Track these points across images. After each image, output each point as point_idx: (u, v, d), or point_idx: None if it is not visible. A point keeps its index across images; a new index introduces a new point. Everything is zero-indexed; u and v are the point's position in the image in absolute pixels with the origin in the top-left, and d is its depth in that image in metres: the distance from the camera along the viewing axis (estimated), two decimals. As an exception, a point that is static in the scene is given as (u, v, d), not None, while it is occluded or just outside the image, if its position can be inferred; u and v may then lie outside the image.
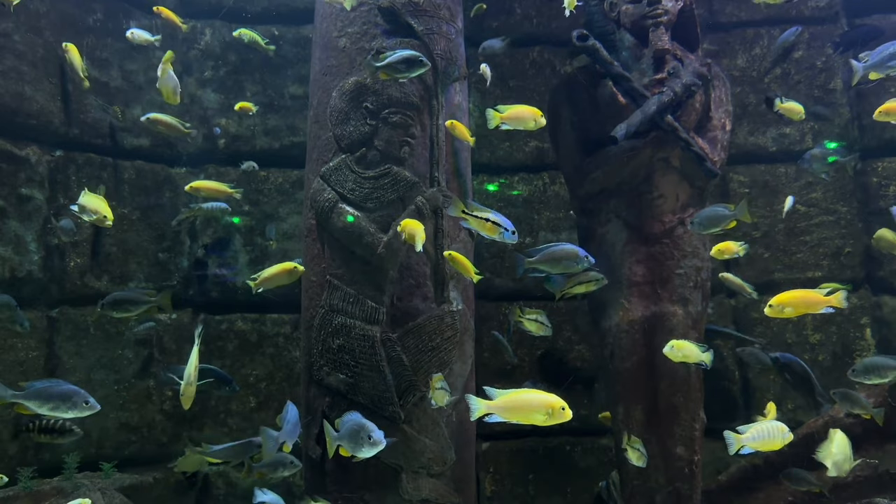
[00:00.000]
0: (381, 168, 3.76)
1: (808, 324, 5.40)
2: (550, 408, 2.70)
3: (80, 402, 2.99)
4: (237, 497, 5.33)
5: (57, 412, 3.00)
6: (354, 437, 3.05)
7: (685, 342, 3.78)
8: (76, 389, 3.03)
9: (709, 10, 5.68)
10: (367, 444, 3.03)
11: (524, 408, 2.73)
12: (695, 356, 3.72)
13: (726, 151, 4.52)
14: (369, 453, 3.05)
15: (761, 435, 3.26)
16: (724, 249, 3.99)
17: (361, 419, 3.10)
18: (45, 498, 3.94)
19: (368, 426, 3.05)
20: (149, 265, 5.25)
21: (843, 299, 3.57)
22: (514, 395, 2.76)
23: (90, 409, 3.00)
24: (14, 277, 4.58)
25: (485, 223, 3.33)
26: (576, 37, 4.24)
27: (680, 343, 3.77)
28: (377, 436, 3.03)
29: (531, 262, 3.65)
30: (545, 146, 5.51)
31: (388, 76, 3.49)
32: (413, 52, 3.46)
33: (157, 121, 4.42)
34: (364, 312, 3.68)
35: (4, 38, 4.58)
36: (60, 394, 3.00)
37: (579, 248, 3.65)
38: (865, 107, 5.54)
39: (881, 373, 3.84)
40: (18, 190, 4.63)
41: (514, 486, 5.38)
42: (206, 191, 4.44)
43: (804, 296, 3.58)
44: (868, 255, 5.52)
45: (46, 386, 3.02)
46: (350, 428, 3.09)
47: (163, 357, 5.23)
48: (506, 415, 2.73)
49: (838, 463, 3.71)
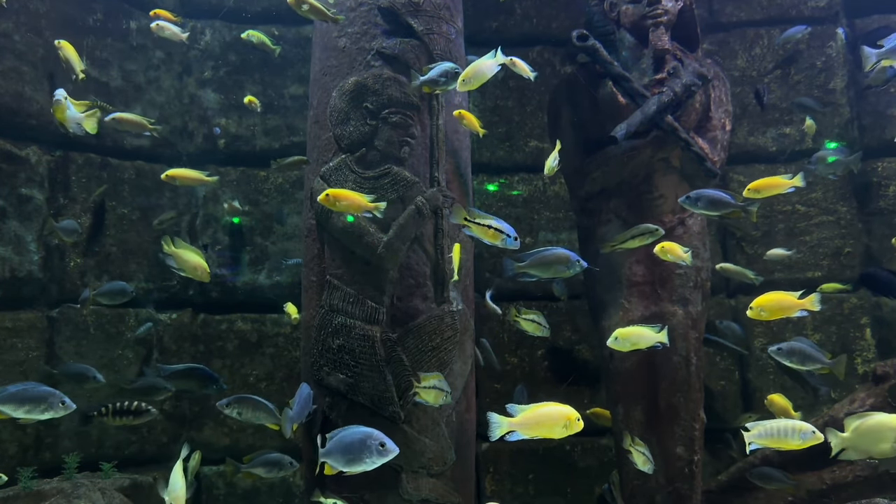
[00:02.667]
0: (381, 168, 3.76)
1: (808, 324, 5.40)
2: (568, 420, 2.75)
3: (55, 402, 3.04)
4: (237, 497, 5.34)
5: (32, 415, 3.03)
6: (358, 448, 2.90)
7: (630, 328, 3.70)
8: (51, 391, 3.07)
9: (709, 10, 5.68)
10: (375, 454, 2.89)
11: (545, 423, 2.78)
12: (647, 340, 3.63)
13: (726, 151, 4.53)
14: (377, 463, 2.92)
15: (774, 432, 3.15)
16: (667, 249, 3.86)
17: (363, 429, 2.95)
18: (45, 498, 3.94)
19: (375, 434, 2.91)
20: (149, 265, 5.25)
21: (816, 302, 3.65)
22: (533, 410, 2.78)
23: (66, 409, 3.04)
24: (14, 277, 4.58)
25: (487, 230, 3.32)
26: (576, 37, 4.24)
27: (625, 331, 3.67)
28: (390, 444, 2.89)
29: (520, 266, 3.61)
30: (545, 146, 5.51)
31: (430, 90, 3.51)
32: (453, 66, 3.45)
33: (122, 119, 4.37)
34: (364, 312, 3.68)
35: (4, 38, 4.58)
36: (35, 396, 3.04)
37: (570, 252, 3.58)
38: (865, 107, 5.55)
39: (802, 361, 3.89)
40: (18, 190, 4.63)
41: (514, 486, 5.38)
42: (181, 179, 4.39)
43: (779, 298, 3.65)
44: (868, 255, 5.52)
45: (21, 389, 3.04)
46: (353, 440, 2.91)
47: (163, 357, 5.24)
48: (527, 431, 2.77)
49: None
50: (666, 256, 3.90)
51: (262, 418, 3.59)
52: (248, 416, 3.57)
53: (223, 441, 5.29)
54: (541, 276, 3.68)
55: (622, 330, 3.67)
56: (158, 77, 5.45)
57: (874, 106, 5.52)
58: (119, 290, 4.57)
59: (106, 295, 4.54)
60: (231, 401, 3.59)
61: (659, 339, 3.63)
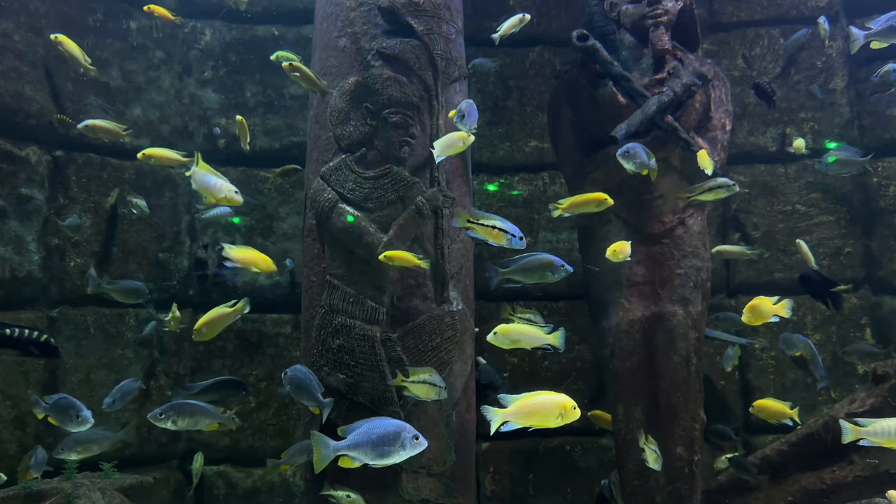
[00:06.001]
0: (381, 168, 3.76)
1: (808, 323, 5.40)
2: (563, 408, 2.70)
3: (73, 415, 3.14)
4: (237, 497, 5.34)
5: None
6: (392, 441, 2.79)
7: (514, 325, 3.36)
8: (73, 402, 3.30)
9: (709, 10, 5.68)
10: (409, 447, 2.77)
11: (539, 411, 2.73)
12: (532, 340, 3.30)
13: (726, 151, 4.53)
14: (405, 457, 2.81)
15: (887, 431, 2.99)
16: (618, 250, 3.77)
17: (394, 422, 2.86)
18: (45, 498, 3.94)
19: (409, 427, 2.80)
20: (149, 265, 5.25)
21: (787, 309, 3.80)
22: (526, 399, 2.74)
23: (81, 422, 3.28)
24: (14, 277, 4.58)
25: (491, 230, 3.30)
26: (576, 37, 4.24)
27: (505, 328, 3.30)
28: (422, 437, 2.79)
29: (505, 272, 3.58)
30: (545, 146, 5.51)
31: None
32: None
33: (95, 127, 4.36)
34: (364, 312, 3.68)
35: (4, 38, 4.58)
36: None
37: (554, 256, 3.53)
38: (865, 107, 5.54)
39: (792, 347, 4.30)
40: (18, 190, 4.63)
41: (514, 486, 5.38)
42: (157, 158, 4.35)
43: (757, 304, 3.85)
44: (868, 255, 5.52)
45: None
46: (385, 433, 2.80)
47: (163, 357, 5.24)
48: (522, 420, 2.71)
49: None
50: (617, 258, 3.78)
51: (200, 423, 3.43)
52: (183, 424, 3.38)
53: (223, 441, 5.29)
54: (526, 282, 3.63)
55: (503, 326, 3.31)
56: (158, 77, 5.44)
57: (874, 106, 5.51)
58: (135, 288, 4.59)
59: (120, 291, 4.55)
60: (165, 410, 3.36)
61: (548, 342, 3.31)
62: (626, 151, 3.79)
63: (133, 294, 4.57)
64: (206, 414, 3.46)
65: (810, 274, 4.72)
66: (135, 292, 4.57)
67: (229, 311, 3.55)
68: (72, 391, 4.58)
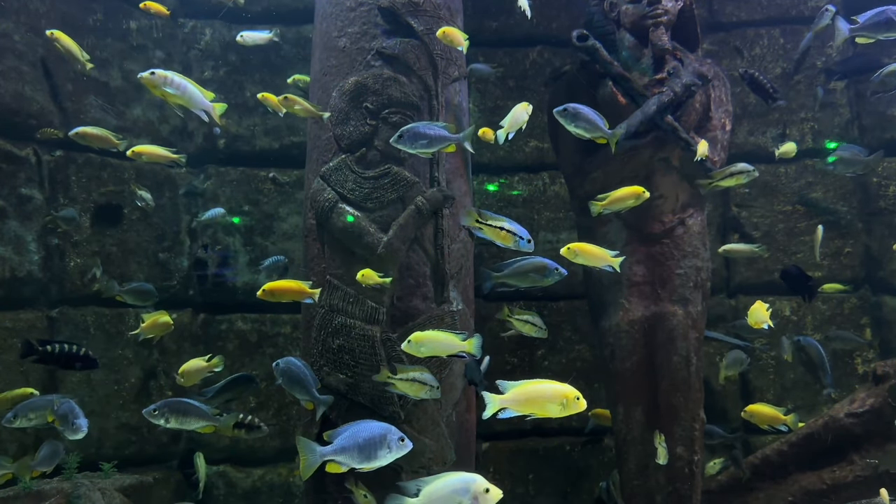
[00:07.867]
0: (381, 168, 3.76)
1: (808, 324, 5.41)
2: (565, 398, 2.55)
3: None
4: (237, 497, 5.34)
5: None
6: (378, 444, 2.74)
7: (430, 332, 3.20)
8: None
9: (709, 10, 5.68)
10: (395, 449, 2.74)
11: (538, 399, 2.58)
12: (447, 347, 3.14)
13: (726, 151, 4.52)
14: (391, 459, 2.77)
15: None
16: (580, 250, 3.63)
17: (378, 424, 2.81)
18: (45, 498, 3.94)
19: (394, 430, 2.75)
20: (149, 265, 5.25)
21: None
22: (526, 386, 2.60)
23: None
24: (14, 277, 4.58)
25: (499, 232, 3.27)
26: (576, 37, 4.24)
27: (420, 335, 3.14)
28: (406, 438, 2.75)
29: (499, 276, 3.54)
30: (545, 146, 5.51)
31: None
32: None
33: (86, 134, 4.33)
34: (364, 312, 3.68)
35: (4, 38, 4.58)
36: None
37: (547, 259, 3.49)
38: (865, 107, 5.54)
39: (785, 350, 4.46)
40: (18, 190, 4.63)
41: (514, 486, 5.38)
42: (148, 155, 4.33)
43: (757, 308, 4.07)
44: (868, 255, 5.52)
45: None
46: (370, 436, 2.75)
47: (163, 357, 5.23)
48: (520, 408, 2.56)
49: None
50: (575, 259, 3.60)
51: (192, 423, 3.43)
52: (175, 423, 3.37)
53: (223, 441, 5.28)
54: (519, 286, 3.59)
55: (417, 334, 3.16)
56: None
57: (874, 106, 5.52)
58: (146, 290, 4.59)
59: (132, 294, 4.56)
60: (159, 407, 3.37)
61: (464, 349, 3.13)
62: (564, 109, 3.53)
63: (144, 296, 4.58)
64: (199, 415, 3.46)
65: (790, 268, 4.76)
66: (146, 294, 4.58)
67: (205, 364, 3.96)
68: (72, 391, 4.59)
